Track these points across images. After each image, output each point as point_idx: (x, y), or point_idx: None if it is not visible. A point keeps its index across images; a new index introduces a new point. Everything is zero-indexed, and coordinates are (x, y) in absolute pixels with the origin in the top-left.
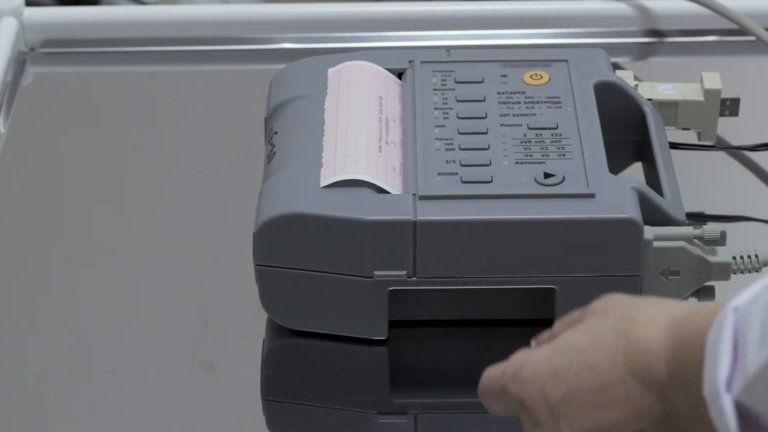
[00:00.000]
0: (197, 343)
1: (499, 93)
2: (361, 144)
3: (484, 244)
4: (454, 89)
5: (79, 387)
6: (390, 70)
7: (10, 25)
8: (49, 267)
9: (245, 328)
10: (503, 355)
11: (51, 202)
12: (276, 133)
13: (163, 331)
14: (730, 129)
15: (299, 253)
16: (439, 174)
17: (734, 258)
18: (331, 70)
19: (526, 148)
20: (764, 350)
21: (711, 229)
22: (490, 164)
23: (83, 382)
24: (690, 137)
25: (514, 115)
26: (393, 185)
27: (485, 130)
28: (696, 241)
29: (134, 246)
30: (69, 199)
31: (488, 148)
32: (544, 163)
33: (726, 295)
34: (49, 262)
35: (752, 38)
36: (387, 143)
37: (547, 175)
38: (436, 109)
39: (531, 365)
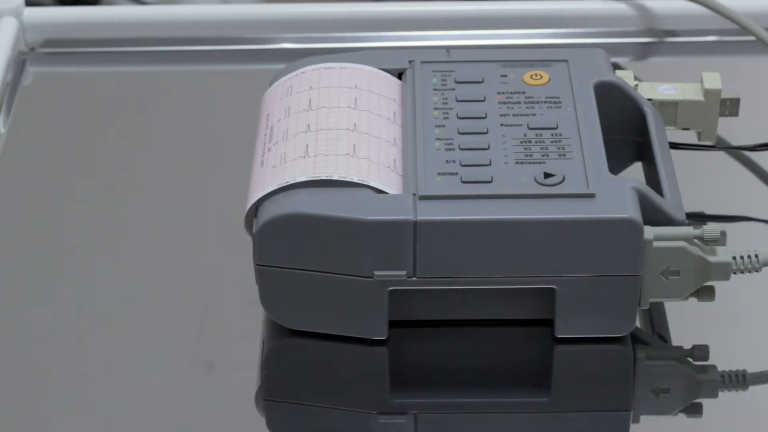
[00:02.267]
0: (197, 343)
1: (499, 93)
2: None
3: (484, 244)
4: (454, 89)
5: (78, 387)
6: (390, 70)
7: (10, 25)
8: (49, 267)
9: (245, 328)
10: (503, 355)
11: (51, 202)
12: None
13: (163, 331)
14: (730, 129)
15: (299, 253)
16: (439, 174)
17: (734, 258)
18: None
19: (526, 148)
20: None
21: (711, 229)
22: (490, 164)
23: (82, 382)
24: (690, 137)
25: (514, 115)
26: (263, 181)
27: (485, 130)
28: (696, 241)
29: (134, 246)
30: (69, 199)
31: (488, 148)
32: (544, 163)
33: (726, 295)
34: (49, 262)
35: (752, 38)
36: (269, 149)
37: (547, 175)
38: (436, 109)
39: None
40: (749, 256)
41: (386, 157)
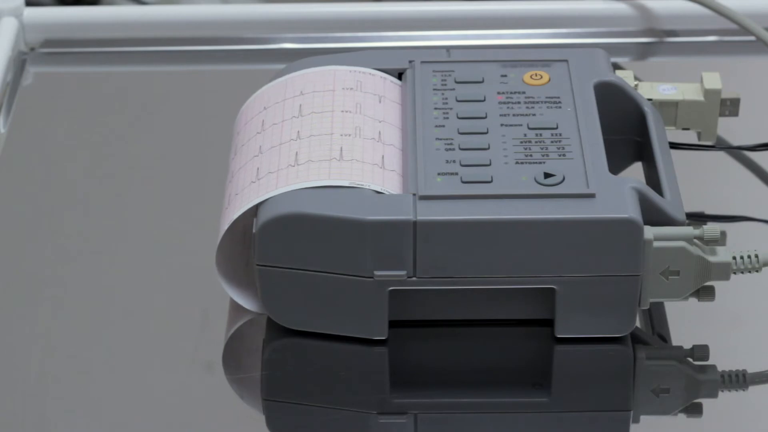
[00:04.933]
0: (197, 343)
1: (499, 93)
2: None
3: (484, 244)
4: (454, 89)
5: (78, 387)
6: (390, 70)
7: (10, 25)
8: (49, 267)
9: (245, 328)
10: (503, 355)
11: (51, 202)
12: None
13: (163, 331)
14: (730, 129)
15: (299, 253)
16: (439, 174)
17: (734, 258)
18: None
19: (526, 148)
20: None
21: (711, 229)
22: (490, 164)
23: (83, 382)
24: (690, 137)
25: (514, 115)
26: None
27: (485, 130)
28: (696, 241)
29: (134, 246)
30: (69, 199)
31: (488, 148)
32: (544, 163)
33: (726, 295)
34: (49, 262)
35: (752, 38)
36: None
37: (547, 175)
38: (436, 109)
39: None
40: (749, 256)
41: (371, 156)
